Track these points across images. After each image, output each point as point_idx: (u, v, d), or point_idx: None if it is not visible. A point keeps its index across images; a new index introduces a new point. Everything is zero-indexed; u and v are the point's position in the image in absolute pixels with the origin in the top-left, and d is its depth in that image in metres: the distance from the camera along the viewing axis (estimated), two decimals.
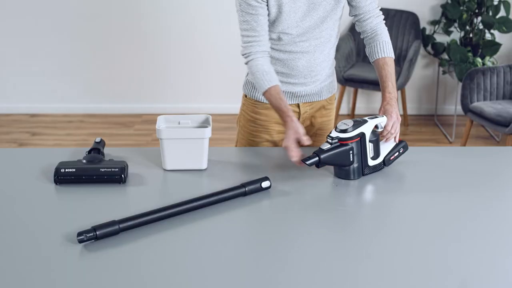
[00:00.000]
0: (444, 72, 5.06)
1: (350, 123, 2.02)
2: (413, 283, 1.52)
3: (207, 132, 2.10)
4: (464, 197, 1.96)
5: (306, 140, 2.05)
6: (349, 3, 2.28)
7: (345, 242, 1.72)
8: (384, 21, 2.32)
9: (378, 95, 5.35)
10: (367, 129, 2.04)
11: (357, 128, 2.01)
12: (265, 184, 1.94)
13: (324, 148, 1.99)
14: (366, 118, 2.07)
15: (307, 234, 1.75)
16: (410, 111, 5.32)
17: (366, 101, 5.40)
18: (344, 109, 5.35)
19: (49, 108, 5.37)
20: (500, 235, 1.74)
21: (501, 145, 4.76)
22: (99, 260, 1.61)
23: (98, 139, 2.24)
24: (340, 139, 2.00)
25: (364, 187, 2.03)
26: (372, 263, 1.60)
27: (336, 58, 4.80)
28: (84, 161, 2.08)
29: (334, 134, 2.01)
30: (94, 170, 2.02)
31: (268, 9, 2.18)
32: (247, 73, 2.42)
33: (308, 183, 2.03)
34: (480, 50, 4.87)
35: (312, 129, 2.47)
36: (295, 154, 2.02)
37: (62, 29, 5.18)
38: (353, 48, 5.03)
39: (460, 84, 4.63)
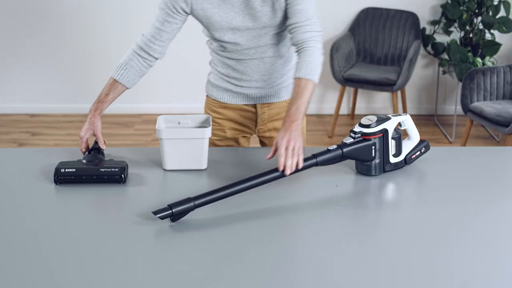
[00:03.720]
0: (444, 72, 5.06)
1: (373, 118, 2.04)
2: (413, 283, 1.52)
3: (207, 132, 2.10)
4: (464, 197, 1.96)
5: (102, 144, 2.16)
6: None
7: (344, 240, 1.72)
8: (317, 39, 2.12)
9: (378, 95, 5.35)
10: (390, 126, 2.05)
11: (380, 124, 2.03)
12: (331, 147, 1.98)
13: (347, 142, 2.01)
14: (389, 115, 2.09)
15: (313, 232, 1.75)
16: (410, 111, 5.32)
17: (366, 101, 5.39)
18: (344, 109, 5.35)
19: (49, 108, 5.37)
20: (500, 235, 1.74)
21: (501, 145, 4.76)
22: (100, 260, 1.61)
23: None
24: (363, 134, 2.02)
25: (364, 187, 2.03)
26: (371, 262, 1.60)
27: (336, 58, 4.82)
28: (84, 161, 2.08)
29: (357, 129, 2.04)
30: (94, 170, 2.02)
31: (196, 17, 2.18)
32: (209, 73, 2.44)
33: (313, 181, 2.04)
34: (480, 50, 4.86)
35: None
36: (83, 146, 2.16)
37: (62, 30, 5.18)
38: (353, 48, 5.03)
39: (460, 84, 4.63)
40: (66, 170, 2.02)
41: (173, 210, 1.75)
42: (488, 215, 1.85)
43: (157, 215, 1.74)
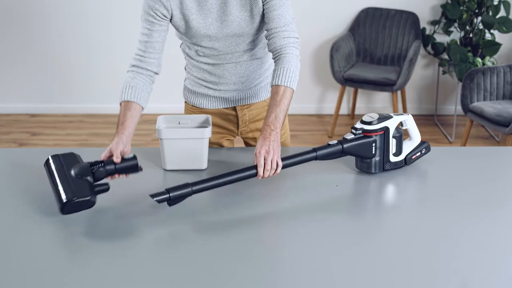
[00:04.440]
0: (444, 72, 5.06)
1: (375, 116, 2.04)
2: (413, 284, 1.52)
3: (207, 132, 2.10)
4: (464, 197, 1.96)
5: (115, 158, 1.90)
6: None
7: (344, 240, 1.72)
8: (295, 45, 2.10)
9: (378, 95, 5.35)
10: (391, 124, 2.06)
11: (382, 122, 2.03)
12: (331, 142, 1.99)
13: (348, 137, 2.01)
14: (391, 114, 2.09)
15: (313, 232, 1.76)
16: (410, 111, 5.32)
17: (366, 101, 5.39)
18: (344, 109, 5.35)
19: (49, 108, 5.37)
20: (500, 236, 1.74)
21: (501, 145, 4.76)
22: (99, 259, 1.61)
23: (129, 155, 1.95)
24: (364, 131, 2.02)
25: (364, 187, 2.03)
26: (371, 262, 1.60)
27: (336, 58, 4.82)
28: (74, 170, 1.85)
29: (358, 125, 2.04)
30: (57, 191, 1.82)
31: (174, 23, 2.16)
32: (185, 79, 2.44)
33: (313, 181, 2.04)
34: (480, 50, 4.87)
35: None
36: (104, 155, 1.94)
37: (62, 29, 5.19)
38: (353, 48, 5.03)
39: (460, 84, 4.63)
40: (48, 168, 1.90)
41: (170, 194, 1.76)
42: (488, 215, 1.85)
43: (155, 198, 1.75)
